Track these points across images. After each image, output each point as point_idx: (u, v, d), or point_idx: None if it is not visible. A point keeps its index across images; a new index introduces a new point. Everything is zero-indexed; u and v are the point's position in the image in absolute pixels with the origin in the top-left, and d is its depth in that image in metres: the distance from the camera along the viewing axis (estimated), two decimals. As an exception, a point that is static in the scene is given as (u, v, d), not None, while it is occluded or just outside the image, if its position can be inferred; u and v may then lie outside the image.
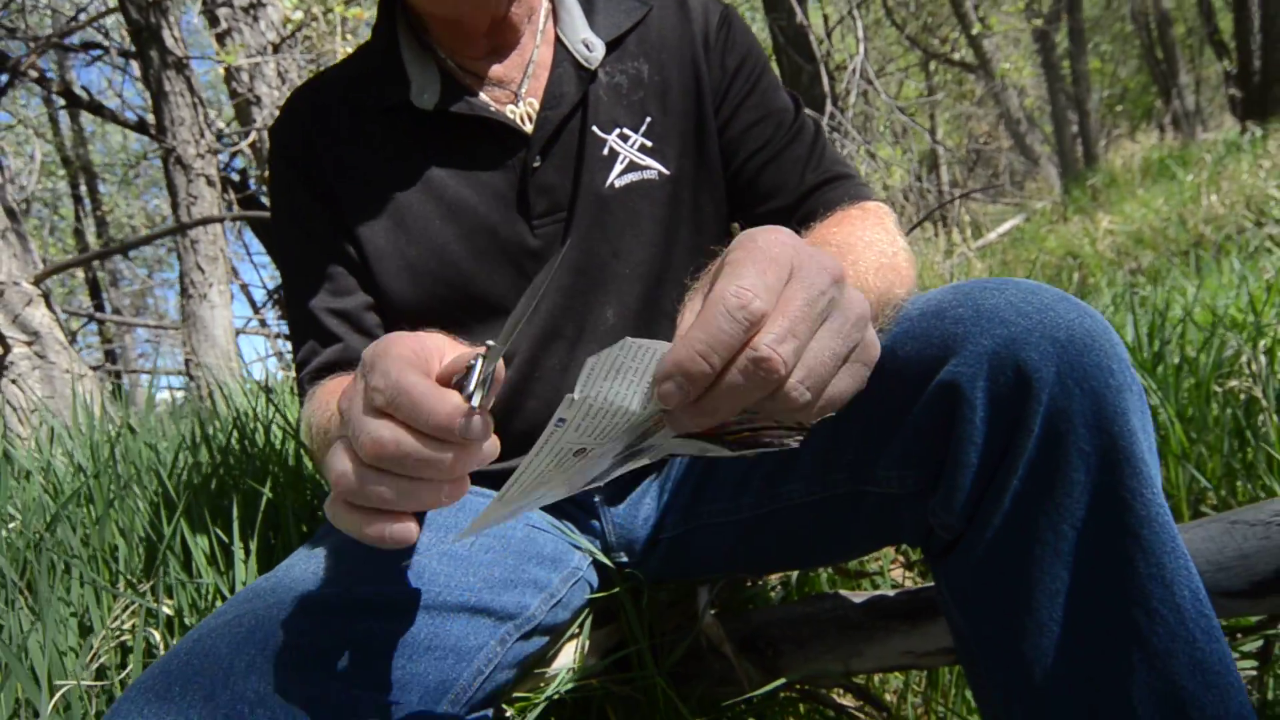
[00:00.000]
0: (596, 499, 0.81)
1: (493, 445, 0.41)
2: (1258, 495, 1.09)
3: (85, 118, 8.39)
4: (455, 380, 0.40)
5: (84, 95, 4.43)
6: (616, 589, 0.80)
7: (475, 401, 0.39)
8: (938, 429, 0.58)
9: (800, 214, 0.78)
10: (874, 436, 0.62)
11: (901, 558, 1.21)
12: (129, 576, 0.90)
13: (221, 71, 3.83)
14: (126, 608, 0.82)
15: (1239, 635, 0.89)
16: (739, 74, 0.81)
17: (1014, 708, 0.58)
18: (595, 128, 0.78)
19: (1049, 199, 8.80)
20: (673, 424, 0.38)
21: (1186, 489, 1.10)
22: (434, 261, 0.77)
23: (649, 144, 0.79)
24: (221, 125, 4.24)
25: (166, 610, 0.83)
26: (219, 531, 0.91)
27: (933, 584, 0.86)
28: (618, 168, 0.78)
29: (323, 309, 0.77)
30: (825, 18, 5.36)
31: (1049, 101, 12.93)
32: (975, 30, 9.45)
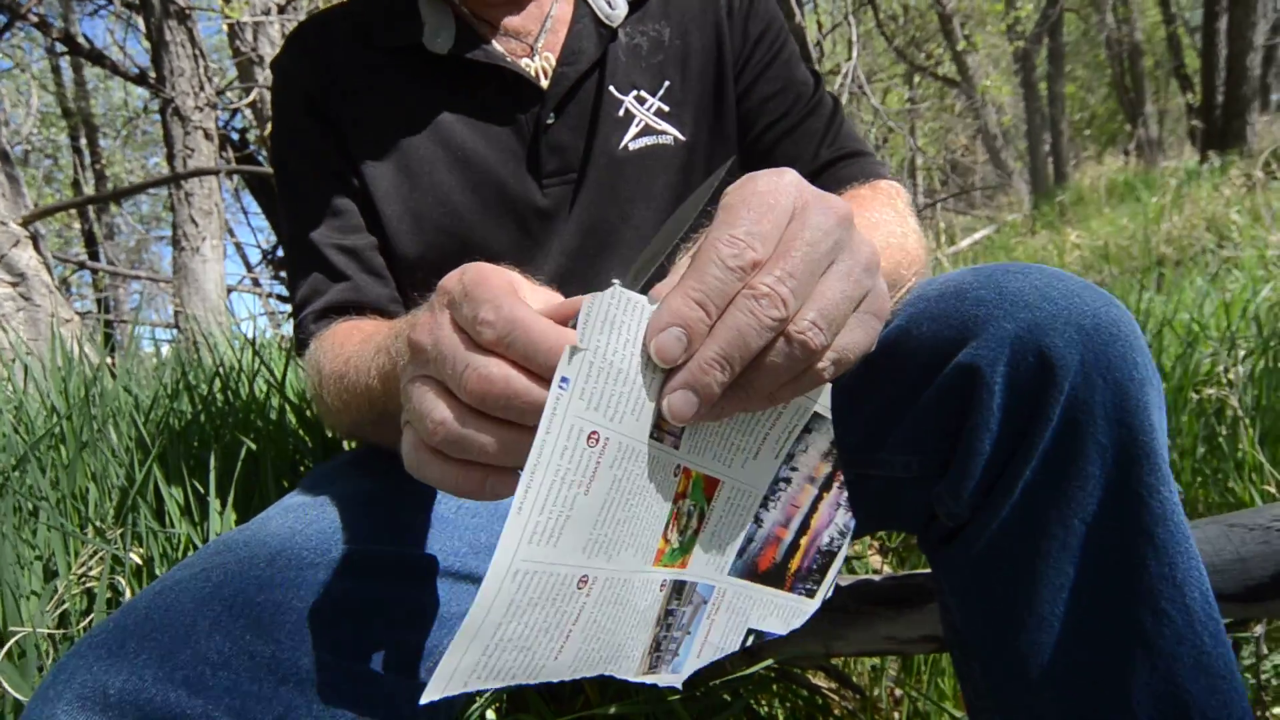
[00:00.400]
0: None
1: None
2: (1225, 499, 1.14)
3: (88, 71, 8.27)
4: (572, 323, 0.36)
5: (85, 44, 4.34)
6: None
7: None
8: (951, 413, 0.56)
9: None
10: (882, 418, 0.60)
11: (876, 543, 1.21)
12: (98, 522, 0.87)
13: (225, 28, 3.76)
14: (94, 554, 0.80)
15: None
16: (761, 42, 0.79)
17: (1005, 702, 0.57)
18: (612, 88, 0.75)
19: (1019, 212, 9.06)
20: (675, 408, 0.34)
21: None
22: (437, 210, 0.74)
23: (666, 108, 0.77)
24: (223, 87, 4.16)
25: (135, 559, 0.81)
26: (195, 482, 0.89)
27: (918, 571, 0.86)
28: (632, 130, 0.75)
29: (328, 244, 0.74)
30: (819, 24, 5.43)
31: (1025, 120, 13.21)
32: (960, 47, 9.58)
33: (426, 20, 0.74)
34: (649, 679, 0.43)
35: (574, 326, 0.35)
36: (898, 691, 1.03)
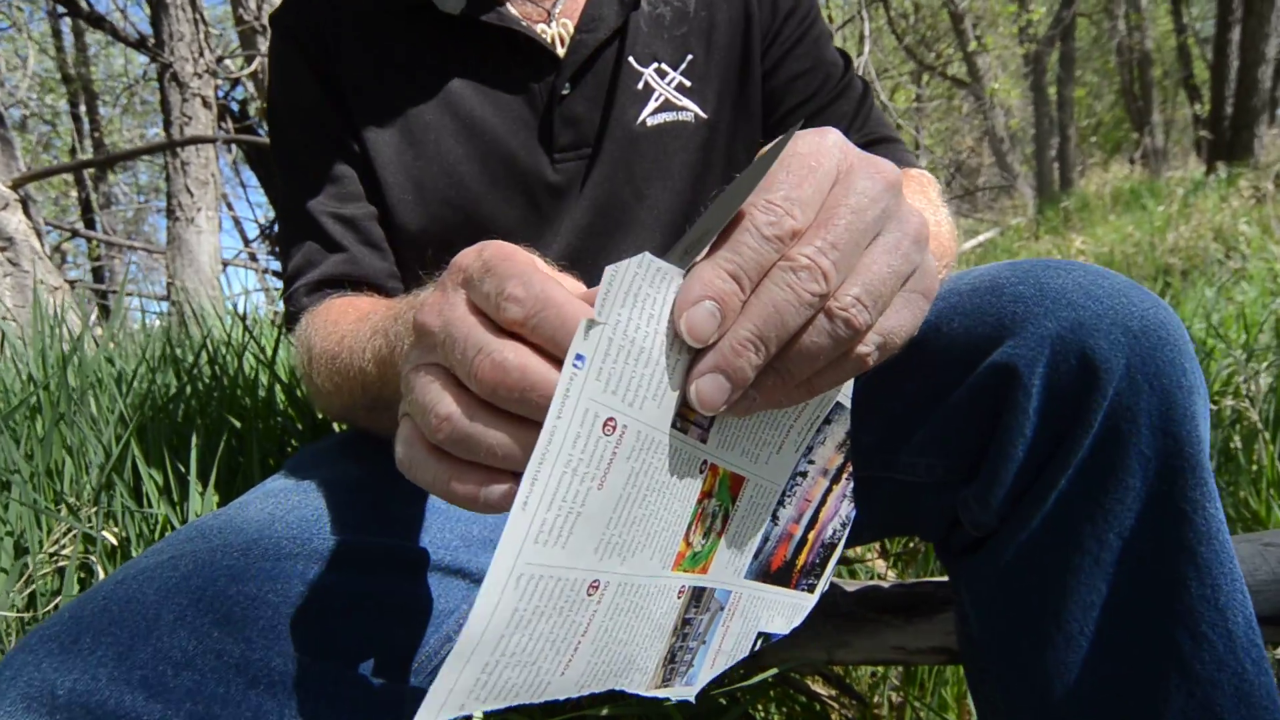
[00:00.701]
0: None
1: None
2: (1240, 513, 1.11)
3: (89, 36, 8.18)
4: None
5: (86, 7, 4.27)
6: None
7: None
8: (982, 415, 0.52)
9: None
10: (905, 419, 0.57)
11: (878, 546, 1.18)
12: (73, 499, 0.83)
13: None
14: (68, 532, 0.76)
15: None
16: (791, 18, 0.75)
17: (1023, 723, 0.54)
18: (632, 59, 0.71)
19: (1023, 216, 9.06)
20: (704, 394, 0.31)
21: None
22: (442, 181, 0.70)
23: (687, 83, 0.73)
24: (226, 59, 4.09)
25: (110, 539, 0.77)
26: (177, 460, 0.85)
27: (928, 578, 0.83)
28: (651, 105, 0.72)
29: (325, 213, 0.71)
30: (830, 18, 5.41)
31: (1034, 124, 13.21)
32: (971, 47, 9.55)
33: None
34: (661, 692, 0.39)
35: None
36: (895, 697, 1.01)
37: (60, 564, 0.75)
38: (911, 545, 1.18)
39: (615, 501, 0.32)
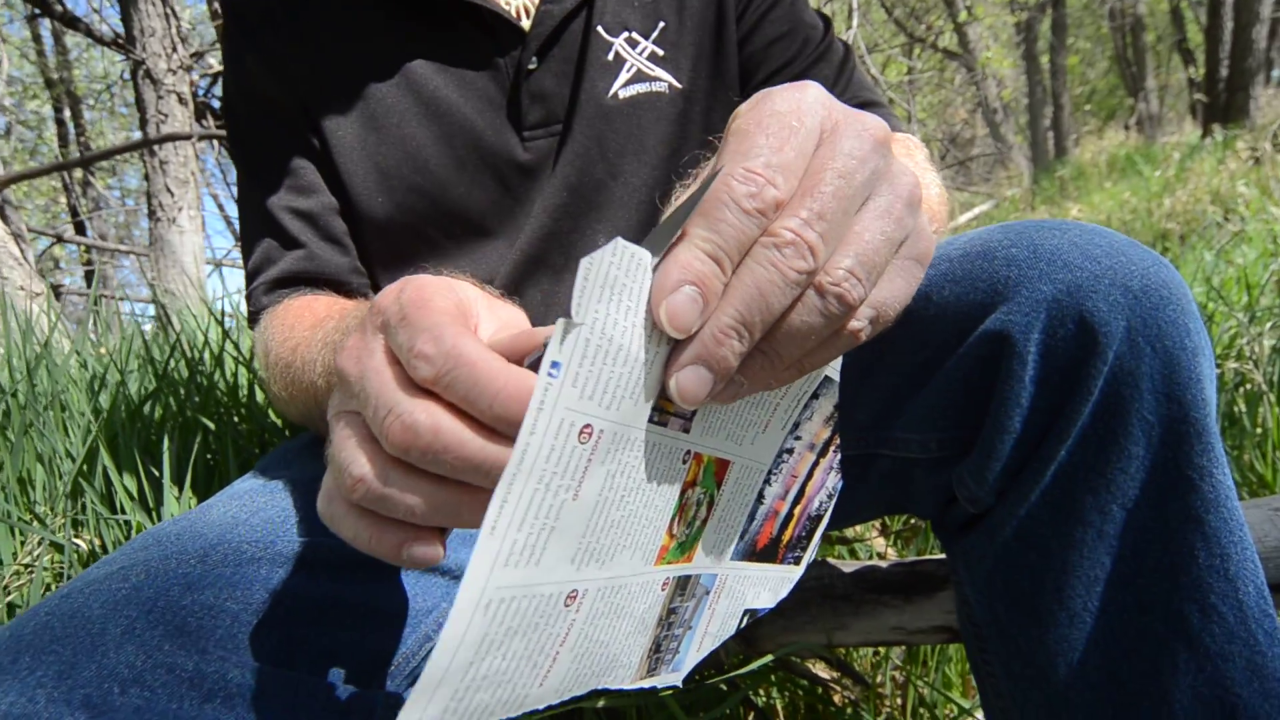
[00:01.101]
0: None
1: None
2: (1246, 477, 1.10)
3: (70, 40, 8.10)
4: (529, 361, 0.30)
5: (58, 7, 4.20)
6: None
7: None
8: (976, 387, 0.50)
9: None
10: (897, 393, 0.54)
11: (878, 525, 1.16)
12: (45, 509, 0.80)
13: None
14: (41, 542, 0.74)
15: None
16: None
17: (1029, 703, 0.52)
18: (601, 29, 0.69)
19: (1019, 187, 9.02)
20: (685, 389, 0.28)
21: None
22: (407, 166, 0.68)
23: (660, 52, 0.70)
24: (205, 54, 4.03)
25: (83, 546, 0.74)
26: (152, 466, 0.82)
27: (928, 556, 0.81)
28: (623, 76, 0.69)
29: (282, 208, 0.68)
30: None
31: (1027, 93, 13.13)
32: (962, 18, 9.47)
33: None
34: (646, 683, 0.38)
35: (530, 365, 0.30)
36: (898, 677, 0.99)
37: (34, 575, 0.73)
38: (912, 522, 1.16)
39: (592, 509, 0.30)
